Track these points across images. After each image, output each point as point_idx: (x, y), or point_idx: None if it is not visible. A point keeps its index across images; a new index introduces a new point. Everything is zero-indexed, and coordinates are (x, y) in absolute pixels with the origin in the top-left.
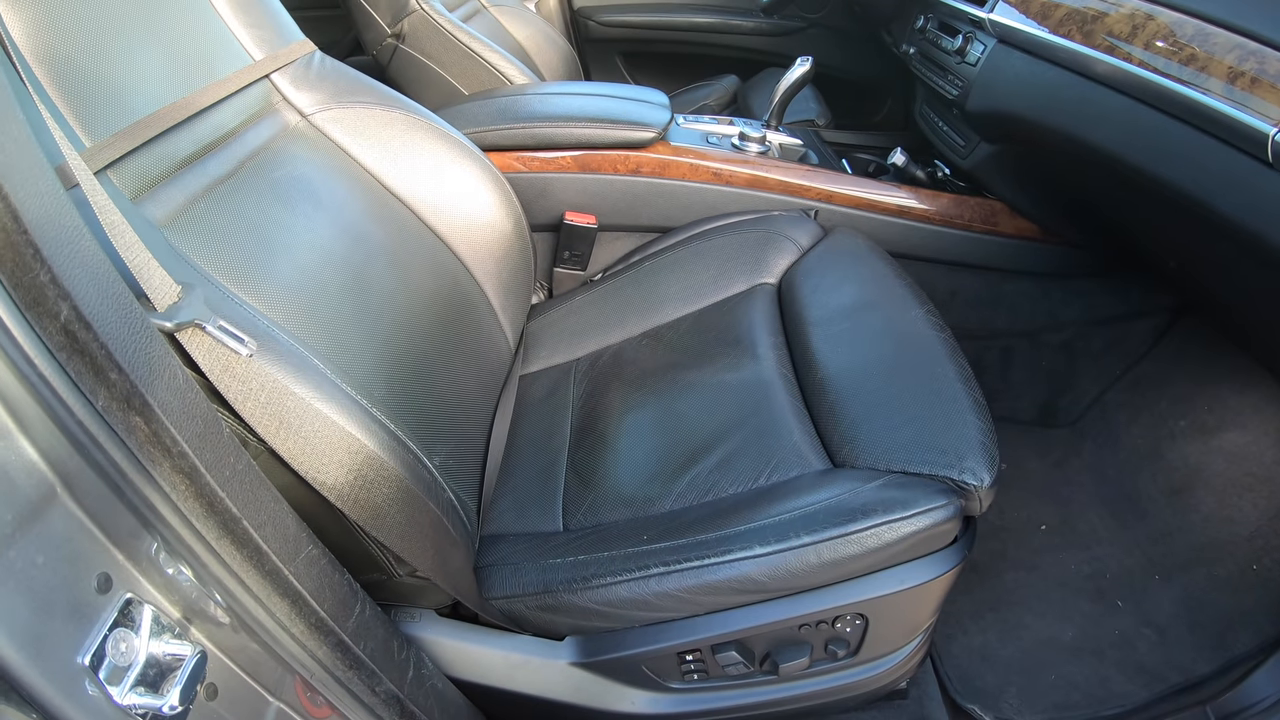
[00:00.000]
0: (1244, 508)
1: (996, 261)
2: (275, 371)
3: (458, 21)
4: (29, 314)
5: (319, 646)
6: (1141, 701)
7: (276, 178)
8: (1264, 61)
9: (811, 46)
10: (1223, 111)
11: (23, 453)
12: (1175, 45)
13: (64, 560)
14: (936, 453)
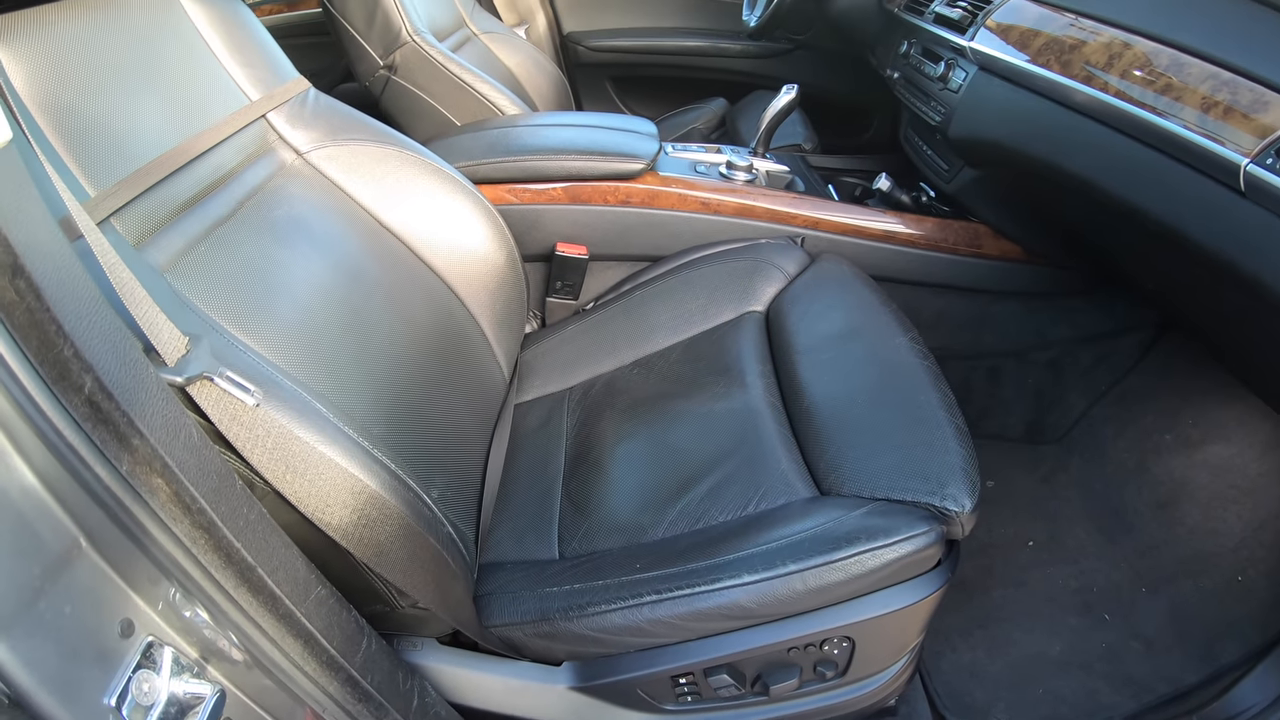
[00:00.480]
0: (1229, 520)
1: (982, 283)
2: (280, 418)
3: (449, 53)
4: (55, 388)
5: (330, 682)
6: (1130, 712)
7: (274, 217)
8: (1236, 91)
9: (798, 68)
10: (1196, 142)
11: (48, 509)
12: (1151, 74)
13: (89, 608)
14: (919, 480)
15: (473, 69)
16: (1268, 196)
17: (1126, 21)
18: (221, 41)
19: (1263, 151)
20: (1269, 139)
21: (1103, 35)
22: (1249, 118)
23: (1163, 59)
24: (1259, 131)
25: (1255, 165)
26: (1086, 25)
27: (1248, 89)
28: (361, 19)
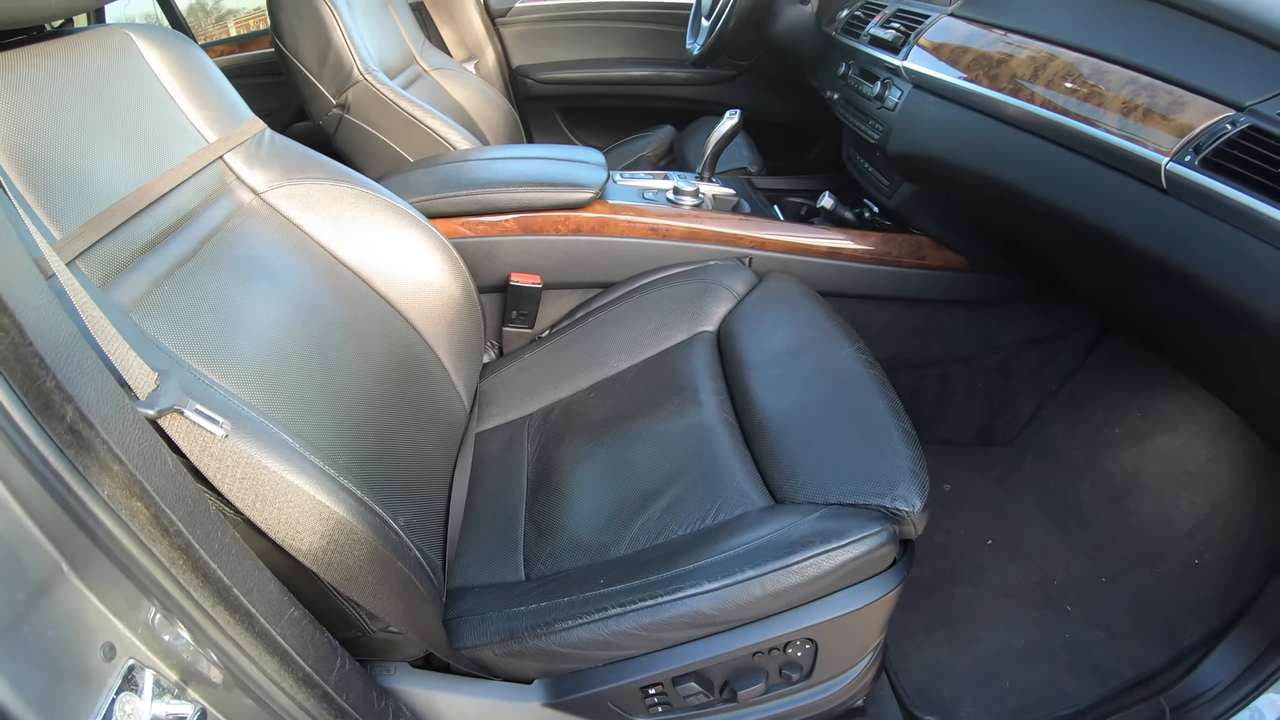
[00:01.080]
0: (1181, 506)
1: (927, 293)
2: (248, 449)
3: (400, 90)
4: (40, 417)
5: (306, 699)
6: (1096, 699)
7: (235, 256)
8: (1154, 94)
9: (742, 93)
10: (1118, 145)
11: (30, 535)
12: (1075, 83)
13: (72, 632)
14: (869, 483)
15: (424, 105)
16: (1188, 192)
17: (1050, 34)
18: (178, 85)
19: (1181, 150)
20: (1187, 137)
21: (1028, 49)
22: (1167, 118)
23: (1085, 68)
24: (1177, 131)
25: (1174, 163)
26: (1013, 40)
27: (1165, 91)
28: (314, 59)
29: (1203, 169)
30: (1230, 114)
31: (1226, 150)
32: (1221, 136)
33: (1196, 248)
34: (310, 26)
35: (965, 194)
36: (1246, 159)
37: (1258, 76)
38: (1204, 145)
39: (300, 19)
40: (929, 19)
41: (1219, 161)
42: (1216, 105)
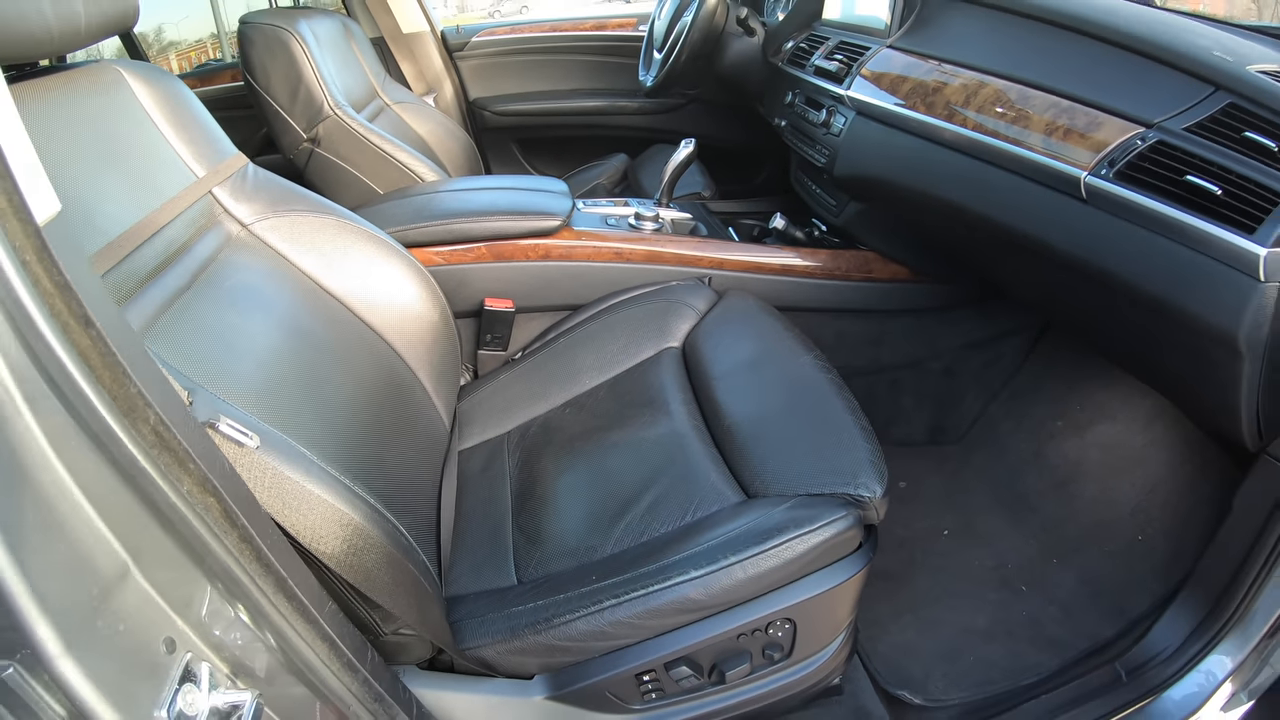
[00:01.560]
0: (1122, 488)
1: (875, 304)
2: (272, 460)
3: (369, 124)
4: (126, 419)
5: (351, 682)
6: (1055, 669)
7: (229, 286)
8: (1074, 116)
9: (692, 121)
10: (1043, 163)
11: (102, 536)
12: (1003, 108)
13: (139, 627)
14: (833, 474)
15: (392, 139)
16: (1105, 201)
17: (980, 64)
18: (166, 120)
19: (1098, 164)
20: (1102, 153)
21: (960, 77)
22: (1085, 137)
23: (1012, 94)
24: (1094, 147)
25: (1092, 176)
26: (946, 69)
27: (1083, 113)
28: (285, 94)
29: (1117, 180)
30: (1140, 131)
31: (1137, 163)
32: (1133, 151)
33: (1114, 249)
34: (281, 63)
35: (908, 211)
36: (1155, 170)
37: (1163, 96)
38: (1118, 159)
39: (272, 55)
40: (869, 50)
41: (1131, 173)
42: (1128, 124)
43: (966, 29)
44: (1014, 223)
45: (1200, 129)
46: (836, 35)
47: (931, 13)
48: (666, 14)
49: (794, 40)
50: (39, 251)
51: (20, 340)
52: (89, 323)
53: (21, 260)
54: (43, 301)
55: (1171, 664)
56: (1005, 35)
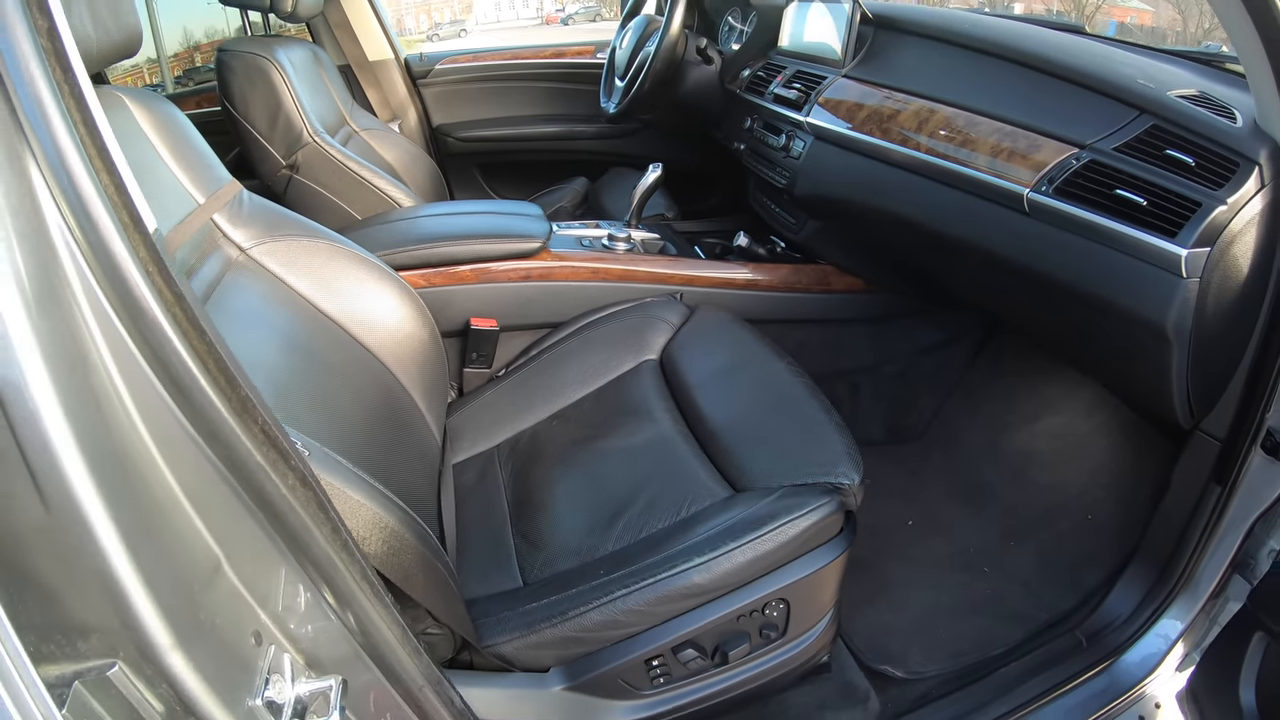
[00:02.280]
0: (1070, 474)
1: (834, 314)
2: (319, 467)
3: (347, 151)
4: (241, 420)
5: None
6: (1020, 639)
7: (234, 309)
8: (1016, 139)
9: (649, 145)
10: (989, 181)
11: (200, 532)
12: (952, 133)
13: (231, 621)
14: (814, 466)
15: (369, 165)
16: (1045, 213)
17: (930, 92)
18: (167, 146)
19: (1038, 182)
20: (1042, 172)
21: (912, 105)
22: (1027, 158)
23: (960, 120)
24: (1035, 167)
25: (1033, 193)
26: (899, 98)
27: (1024, 136)
28: (264, 122)
29: (1056, 196)
30: (1075, 151)
31: (1073, 180)
32: (1069, 170)
33: (1054, 255)
34: (261, 91)
35: (865, 227)
36: (1089, 185)
37: (1094, 120)
38: (1056, 177)
39: (251, 83)
40: (826, 80)
41: (1068, 189)
42: (1064, 145)
43: (915, 60)
44: (963, 234)
45: (1128, 148)
46: (793, 64)
47: (881, 45)
48: (628, 44)
49: (750, 68)
50: (158, 264)
51: (132, 346)
52: (202, 331)
53: (146, 271)
54: (166, 310)
55: (1127, 628)
56: (951, 65)
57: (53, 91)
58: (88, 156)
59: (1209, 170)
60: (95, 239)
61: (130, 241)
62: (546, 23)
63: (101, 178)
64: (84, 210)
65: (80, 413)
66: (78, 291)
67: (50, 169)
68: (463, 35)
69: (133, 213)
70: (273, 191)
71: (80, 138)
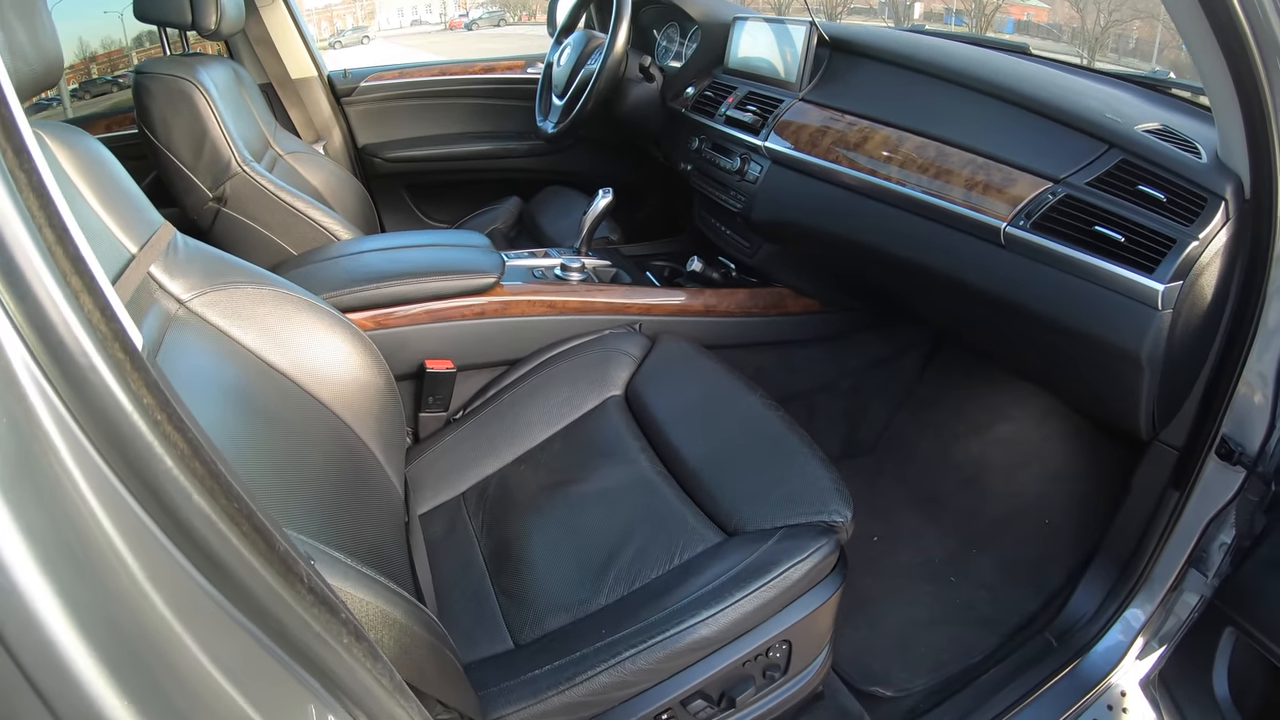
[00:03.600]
0: (1025, 480)
1: (789, 335)
2: (324, 572)
3: (278, 181)
4: (285, 581)
5: None
6: (995, 645)
7: (181, 373)
8: (990, 172)
9: (581, 162)
10: (966, 215)
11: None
12: (924, 164)
13: None
14: (805, 505)
15: (302, 195)
16: (1022, 247)
17: (896, 120)
18: (92, 190)
19: (1015, 216)
20: (1019, 206)
21: (879, 132)
22: (1002, 191)
23: (930, 151)
24: (1011, 201)
25: (1011, 227)
26: (863, 124)
27: (998, 169)
28: (188, 151)
29: (1034, 230)
30: (1050, 186)
31: (1050, 214)
32: (1046, 205)
33: (1031, 288)
34: (185, 117)
35: (826, 252)
36: (1066, 220)
37: (1066, 154)
38: (1034, 212)
39: (174, 109)
40: (783, 103)
41: (1046, 224)
42: (1039, 179)
43: (875, 84)
44: (936, 264)
45: (1100, 183)
46: (743, 85)
47: (838, 68)
48: (567, 61)
49: (695, 87)
50: (143, 375)
51: (143, 512)
52: (232, 495)
53: (153, 421)
54: (184, 468)
55: (1092, 626)
56: (913, 92)
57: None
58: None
59: (1179, 205)
60: (67, 364)
61: (129, 384)
62: (450, 28)
63: (69, 280)
64: (42, 318)
65: (85, 603)
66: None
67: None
68: (365, 42)
69: (126, 345)
70: (198, 226)
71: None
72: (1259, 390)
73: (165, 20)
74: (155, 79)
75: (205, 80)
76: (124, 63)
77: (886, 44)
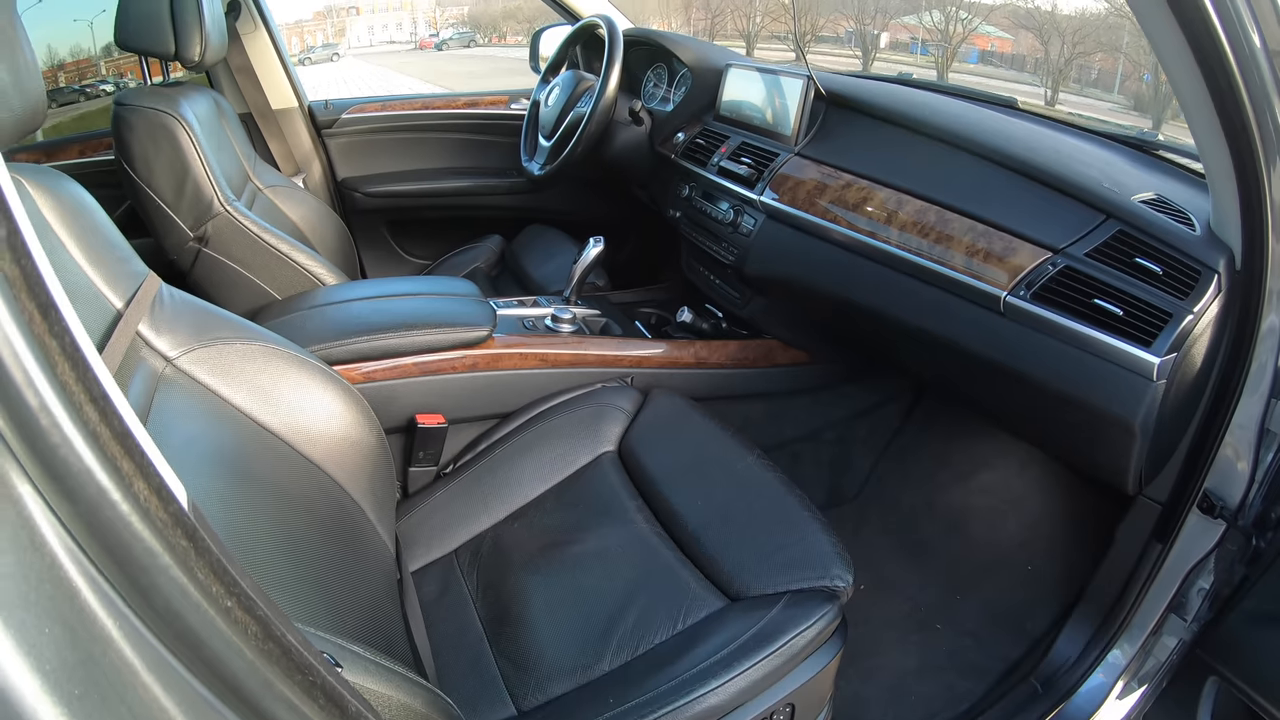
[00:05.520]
0: (1008, 527)
1: (778, 387)
2: (349, 673)
3: (262, 222)
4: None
5: None
6: (983, 693)
7: (175, 443)
8: (991, 240)
9: (561, 199)
10: (966, 282)
11: None
12: (926, 228)
13: None
14: (808, 569)
15: (285, 236)
16: (1022, 316)
17: (894, 181)
18: (75, 240)
19: (1015, 285)
20: (1019, 276)
21: (878, 193)
22: (1003, 260)
23: (931, 215)
24: (1012, 270)
25: (1011, 296)
26: (861, 184)
27: (999, 238)
28: (169, 189)
29: (1034, 301)
30: (1050, 256)
31: (1050, 285)
32: (1046, 276)
33: (1029, 356)
34: (166, 154)
35: (818, 308)
36: (1064, 291)
37: (1065, 223)
38: (1034, 282)
39: (155, 145)
40: (779, 157)
41: (1046, 294)
42: (1039, 249)
43: (872, 142)
44: (934, 329)
45: (1099, 254)
46: (735, 135)
47: (834, 123)
48: (555, 102)
49: (685, 133)
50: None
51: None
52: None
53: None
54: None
55: (1076, 670)
56: (910, 152)
57: None
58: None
59: (1175, 278)
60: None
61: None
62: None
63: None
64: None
65: None
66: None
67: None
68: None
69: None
70: (177, 266)
71: None
72: (1242, 448)
73: (148, 50)
74: (136, 112)
75: (188, 114)
76: (91, 72)
77: (884, 101)
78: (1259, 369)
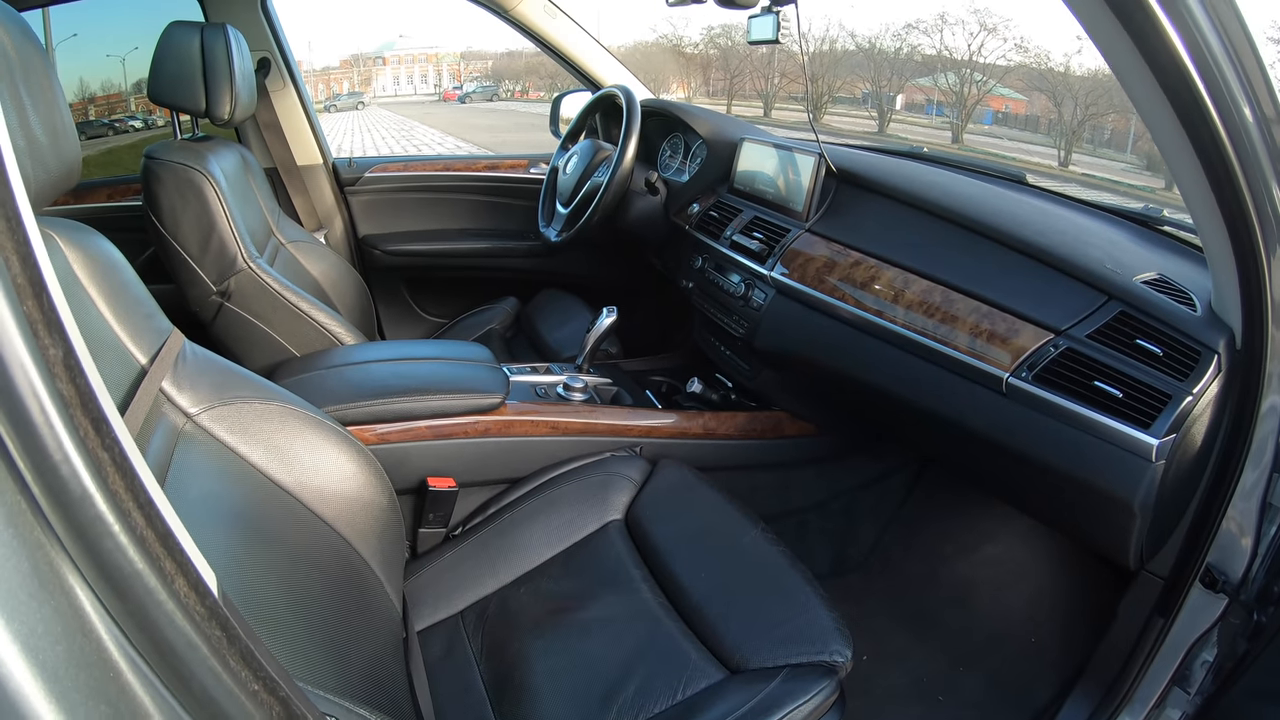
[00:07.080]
0: (1012, 599)
1: (786, 458)
2: None
3: (283, 279)
4: None
5: None
6: None
7: (191, 495)
8: (994, 321)
9: (578, 264)
10: (969, 363)
11: None
12: (931, 308)
13: None
14: (808, 644)
15: (305, 295)
16: (1023, 397)
17: (903, 261)
18: (103, 296)
19: (1018, 367)
20: (1022, 357)
21: (886, 272)
22: (1007, 341)
23: (937, 296)
24: (1015, 351)
25: (1013, 377)
26: (870, 263)
27: (1002, 319)
28: (195, 243)
29: (1036, 383)
30: (1052, 338)
31: (1052, 367)
32: (1048, 358)
33: (1030, 436)
34: (193, 209)
35: (826, 384)
36: (1065, 373)
37: (1067, 304)
38: (1036, 364)
39: (183, 200)
40: (790, 233)
41: (1046, 376)
42: (1041, 330)
43: (882, 220)
44: (937, 408)
45: (1100, 335)
46: (748, 208)
47: (845, 200)
48: (573, 170)
49: (700, 205)
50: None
51: None
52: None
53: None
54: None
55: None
56: (920, 232)
57: None
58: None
59: (1175, 359)
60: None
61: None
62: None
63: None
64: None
65: None
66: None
67: None
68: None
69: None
70: (199, 317)
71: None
72: (1244, 522)
73: (180, 106)
74: (165, 166)
75: (215, 171)
76: (121, 107)
77: (893, 181)
78: (1260, 445)
